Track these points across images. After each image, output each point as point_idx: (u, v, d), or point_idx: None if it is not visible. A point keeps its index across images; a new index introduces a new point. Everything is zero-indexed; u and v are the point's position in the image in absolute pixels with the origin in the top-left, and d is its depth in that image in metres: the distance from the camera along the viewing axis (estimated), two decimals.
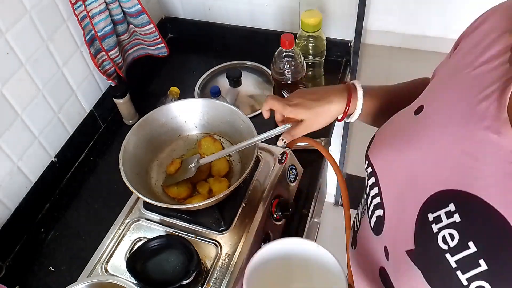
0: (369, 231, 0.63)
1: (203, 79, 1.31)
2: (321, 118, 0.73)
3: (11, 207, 0.98)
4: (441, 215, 0.47)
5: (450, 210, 0.47)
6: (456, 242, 0.45)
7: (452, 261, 0.45)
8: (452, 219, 0.46)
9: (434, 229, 0.48)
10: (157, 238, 0.88)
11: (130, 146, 0.91)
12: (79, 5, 1.02)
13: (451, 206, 0.47)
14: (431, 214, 0.49)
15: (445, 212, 0.47)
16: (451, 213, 0.46)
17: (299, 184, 1.03)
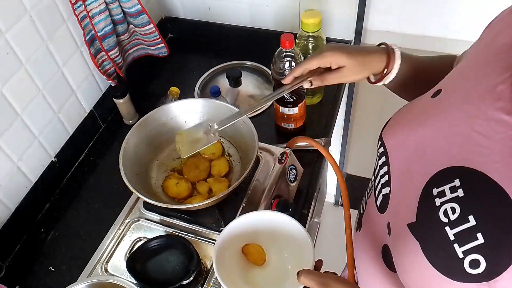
0: (374, 210, 0.64)
1: (203, 79, 1.31)
2: (360, 69, 0.71)
3: (11, 207, 0.98)
4: (445, 190, 0.48)
5: (455, 185, 0.48)
6: (457, 216, 0.46)
7: (451, 234, 0.46)
8: (455, 193, 0.47)
9: (437, 203, 0.49)
10: (157, 238, 0.88)
11: (130, 146, 0.91)
12: (79, 5, 1.02)
13: (456, 182, 0.48)
14: (436, 188, 0.50)
15: (449, 187, 0.48)
16: (456, 188, 0.48)
17: (299, 184, 1.03)
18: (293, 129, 1.12)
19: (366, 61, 0.71)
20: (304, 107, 1.08)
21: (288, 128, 1.12)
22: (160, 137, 0.98)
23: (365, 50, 0.72)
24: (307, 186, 1.05)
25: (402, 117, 0.62)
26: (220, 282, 0.65)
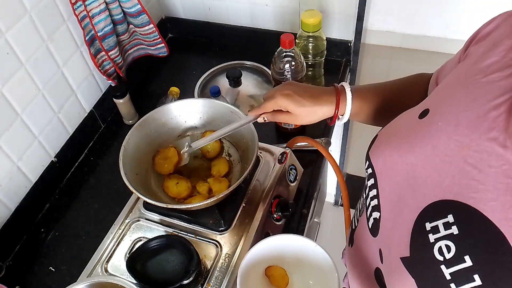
0: (366, 231, 0.63)
1: (203, 79, 1.31)
2: (307, 117, 0.75)
3: (11, 207, 0.98)
4: (438, 226, 0.47)
5: (449, 221, 0.46)
6: (453, 255, 0.45)
7: (447, 273, 0.45)
8: (450, 230, 0.46)
9: (430, 239, 0.47)
10: (157, 238, 0.88)
11: (130, 146, 0.91)
12: (79, 5, 1.02)
13: (449, 217, 0.46)
14: (429, 223, 0.48)
15: (443, 222, 0.47)
16: (449, 225, 0.46)
17: (299, 184, 1.03)
18: (293, 129, 1.12)
19: (314, 110, 0.74)
20: None
21: (288, 128, 1.12)
22: (160, 137, 0.98)
23: (316, 97, 0.74)
24: (307, 186, 1.05)
25: (389, 137, 0.60)
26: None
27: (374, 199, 0.60)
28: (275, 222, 0.95)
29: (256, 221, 0.88)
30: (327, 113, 0.75)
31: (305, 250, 0.73)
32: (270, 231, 0.93)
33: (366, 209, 0.64)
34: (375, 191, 0.59)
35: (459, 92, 0.51)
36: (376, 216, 0.59)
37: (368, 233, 0.62)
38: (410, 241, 0.50)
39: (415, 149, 0.53)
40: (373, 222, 0.60)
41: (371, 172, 0.61)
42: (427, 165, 0.51)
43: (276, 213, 0.93)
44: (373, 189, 0.60)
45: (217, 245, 0.87)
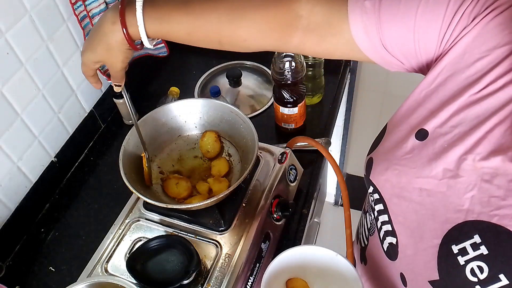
0: (381, 253, 0.62)
1: (203, 79, 1.31)
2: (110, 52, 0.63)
3: (11, 207, 0.98)
4: (466, 247, 0.46)
5: (476, 242, 0.46)
6: (486, 275, 0.44)
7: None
8: (479, 251, 0.45)
9: (460, 262, 0.47)
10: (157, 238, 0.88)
11: (130, 146, 0.91)
12: (79, 5, 1.02)
13: (476, 238, 0.46)
14: (455, 246, 0.48)
15: (470, 244, 0.46)
16: (477, 245, 0.46)
17: (299, 184, 1.03)
18: (293, 129, 1.12)
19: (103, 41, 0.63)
20: (304, 107, 1.08)
21: (288, 128, 1.12)
22: (160, 137, 0.98)
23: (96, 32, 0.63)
24: (307, 186, 1.05)
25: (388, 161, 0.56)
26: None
27: (386, 224, 0.58)
28: (275, 222, 0.95)
29: (256, 221, 0.88)
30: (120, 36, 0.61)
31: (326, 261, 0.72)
32: (270, 231, 0.93)
33: (378, 231, 0.62)
34: (386, 216, 0.58)
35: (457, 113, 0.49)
36: (392, 241, 0.58)
37: (384, 256, 0.61)
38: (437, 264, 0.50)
39: (425, 173, 0.51)
40: (389, 246, 0.59)
41: (378, 198, 0.59)
42: (443, 189, 0.50)
43: (276, 213, 0.93)
44: (384, 214, 0.58)
45: (217, 245, 0.87)
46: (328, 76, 1.25)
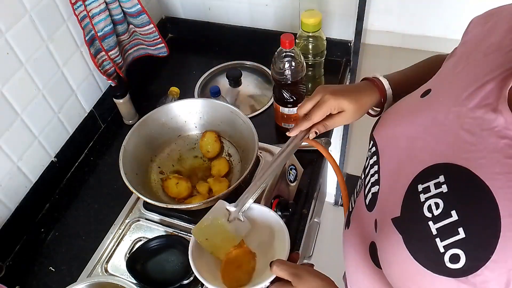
0: (363, 208, 0.65)
1: (203, 79, 1.31)
2: (359, 111, 0.73)
3: (11, 207, 0.98)
4: (430, 186, 0.49)
5: (439, 181, 0.49)
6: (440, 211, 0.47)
7: (434, 229, 0.47)
8: (440, 189, 0.48)
9: (421, 199, 0.50)
10: (157, 238, 0.88)
11: (130, 146, 0.91)
12: (79, 5, 1.02)
13: (440, 178, 0.49)
14: (421, 185, 0.50)
15: (434, 183, 0.49)
16: (440, 184, 0.48)
17: (299, 184, 1.03)
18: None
19: (363, 102, 0.73)
20: None
21: (288, 128, 1.12)
22: (160, 137, 0.98)
23: (361, 91, 0.73)
24: (307, 186, 1.05)
25: (392, 116, 0.63)
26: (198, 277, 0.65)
27: (374, 175, 0.61)
28: None
29: None
30: (374, 103, 0.74)
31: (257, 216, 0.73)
32: None
33: (364, 188, 0.65)
34: (377, 167, 0.61)
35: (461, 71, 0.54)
36: (375, 190, 0.61)
37: (365, 210, 0.64)
38: (402, 203, 0.52)
39: (416, 122, 0.56)
40: (371, 197, 0.62)
41: (374, 150, 0.63)
42: (426, 135, 0.53)
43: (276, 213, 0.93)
44: (375, 166, 0.62)
45: None
46: (328, 76, 1.25)
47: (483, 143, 0.46)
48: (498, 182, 0.44)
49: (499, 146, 0.45)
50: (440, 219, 0.47)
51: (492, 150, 0.45)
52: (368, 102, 0.73)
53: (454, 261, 0.45)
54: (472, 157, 0.47)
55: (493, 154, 0.45)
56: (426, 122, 0.54)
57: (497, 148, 0.45)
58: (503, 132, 0.45)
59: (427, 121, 0.54)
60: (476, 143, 0.47)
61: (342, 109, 0.72)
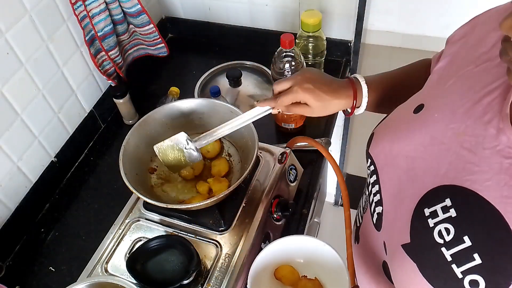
0: (371, 227, 0.64)
1: (203, 79, 1.31)
2: (323, 110, 0.74)
3: (11, 207, 0.98)
4: (437, 210, 0.48)
5: (446, 205, 0.47)
6: (452, 236, 0.46)
7: (448, 255, 0.46)
8: (448, 213, 0.47)
9: (430, 224, 0.48)
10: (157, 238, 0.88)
11: (130, 146, 0.91)
12: (79, 5, 1.02)
13: (447, 201, 0.47)
14: (427, 209, 0.49)
15: (441, 207, 0.48)
16: (447, 208, 0.47)
17: (299, 184, 1.03)
18: (293, 129, 1.12)
19: (333, 103, 0.73)
20: None
21: (288, 128, 1.12)
22: (160, 137, 0.98)
23: (334, 91, 0.73)
24: (307, 186, 1.05)
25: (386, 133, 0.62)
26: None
27: (376, 195, 0.61)
28: (275, 222, 0.95)
29: (256, 221, 0.88)
30: (343, 107, 0.75)
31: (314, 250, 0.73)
32: (270, 231, 0.93)
33: (369, 206, 0.64)
34: (377, 186, 0.60)
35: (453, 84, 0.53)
36: (379, 211, 0.60)
37: (373, 229, 0.63)
38: (410, 228, 0.51)
39: (414, 141, 0.54)
40: (377, 217, 0.61)
41: (373, 169, 0.62)
42: (426, 156, 0.52)
43: (276, 213, 0.93)
44: (376, 185, 0.61)
45: (217, 245, 0.87)
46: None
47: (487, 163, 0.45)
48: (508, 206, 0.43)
49: (504, 167, 0.43)
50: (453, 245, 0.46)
51: (498, 171, 0.44)
52: (336, 106, 0.74)
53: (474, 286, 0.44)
54: (477, 179, 0.45)
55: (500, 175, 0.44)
56: (424, 141, 0.53)
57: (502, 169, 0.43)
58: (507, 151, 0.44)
59: (425, 140, 0.53)
60: (479, 163, 0.45)
61: (307, 104, 0.74)
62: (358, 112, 0.76)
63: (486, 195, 0.44)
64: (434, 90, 0.57)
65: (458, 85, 0.52)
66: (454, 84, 0.53)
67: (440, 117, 0.52)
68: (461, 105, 0.49)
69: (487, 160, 0.45)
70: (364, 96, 0.73)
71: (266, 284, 0.72)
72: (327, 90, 0.73)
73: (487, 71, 0.49)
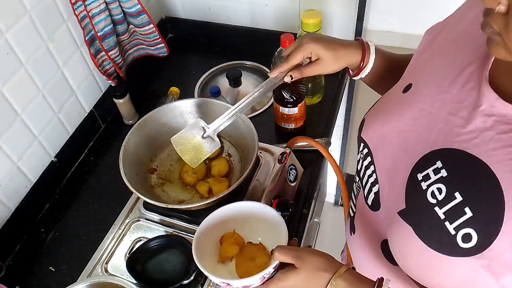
0: (366, 210, 0.65)
1: (203, 79, 1.31)
2: (337, 61, 0.73)
3: (11, 207, 0.98)
4: (429, 173, 0.50)
5: (437, 167, 0.50)
6: (444, 195, 0.48)
7: (441, 213, 0.48)
8: (439, 174, 0.49)
9: (423, 187, 0.51)
10: (157, 238, 0.88)
11: (130, 146, 0.91)
12: (79, 5, 1.02)
13: (438, 163, 0.50)
14: (420, 173, 0.52)
15: (433, 169, 0.50)
16: (439, 170, 0.50)
17: (299, 184, 1.03)
18: (293, 129, 1.12)
19: (343, 53, 0.73)
20: (304, 107, 1.08)
21: (288, 128, 1.12)
22: (160, 137, 0.98)
23: (342, 43, 0.74)
24: (307, 186, 1.05)
25: (377, 116, 0.63)
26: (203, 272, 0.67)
27: (372, 175, 0.62)
28: None
29: None
30: (352, 61, 0.74)
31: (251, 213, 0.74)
32: None
33: (363, 189, 0.66)
34: (372, 167, 0.62)
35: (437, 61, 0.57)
36: (376, 190, 0.61)
37: (369, 211, 0.64)
38: (405, 194, 0.53)
39: (404, 117, 0.57)
40: (374, 197, 0.62)
41: (366, 152, 0.64)
42: (416, 127, 0.55)
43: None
44: (370, 166, 0.63)
45: None
46: (328, 76, 1.25)
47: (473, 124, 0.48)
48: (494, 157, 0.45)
49: (488, 124, 0.47)
50: (445, 202, 0.48)
51: (483, 129, 0.47)
52: (347, 56, 0.73)
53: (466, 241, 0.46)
54: (465, 139, 0.48)
55: (485, 132, 0.47)
56: (414, 114, 0.56)
57: (487, 126, 0.47)
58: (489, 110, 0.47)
59: (414, 114, 0.56)
60: (466, 125, 0.49)
61: (318, 56, 0.73)
62: (364, 74, 0.75)
63: (474, 151, 0.47)
64: (420, 69, 0.60)
65: (441, 60, 0.56)
66: (438, 60, 0.56)
67: (427, 91, 0.55)
68: (446, 77, 0.53)
69: (473, 121, 0.48)
70: (372, 53, 0.73)
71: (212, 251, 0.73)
72: (334, 41, 0.74)
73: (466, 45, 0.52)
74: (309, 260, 0.58)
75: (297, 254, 0.59)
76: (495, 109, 0.46)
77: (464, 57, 0.52)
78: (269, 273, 0.63)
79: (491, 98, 0.47)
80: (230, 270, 0.73)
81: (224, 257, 0.74)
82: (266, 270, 0.63)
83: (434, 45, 0.60)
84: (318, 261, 0.58)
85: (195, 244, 0.70)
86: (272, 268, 0.63)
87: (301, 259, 0.59)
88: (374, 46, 0.74)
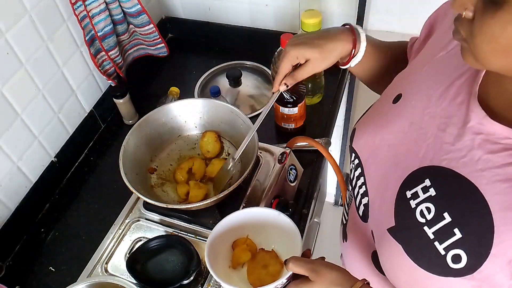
0: (357, 219, 0.65)
1: (203, 79, 1.31)
2: (327, 57, 0.70)
3: (11, 207, 0.98)
4: (418, 191, 0.50)
5: (426, 185, 0.49)
6: (433, 215, 0.48)
7: (430, 233, 0.48)
8: (428, 193, 0.49)
9: (412, 205, 0.50)
10: (157, 238, 0.88)
11: (130, 146, 0.91)
12: (79, 5, 1.02)
13: (426, 182, 0.49)
14: (409, 191, 0.51)
15: (421, 187, 0.50)
16: (427, 188, 0.49)
17: (299, 184, 1.03)
18: (293, 129, 1.12)
19: (331, 47, 0.70)
20: (304, 107, 1.08)
21: (288, 128, 1.12)
22: (160, 137, 0.98)
23: (329, 36, 0.70)
24: (307, 186, 1.05)
25: (368, 126, 0.62)
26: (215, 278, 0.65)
27: (362, 187, 0.62)
28: None
29: None
30: (343, 52, 0.71)
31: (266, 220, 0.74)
32: None
33: (354, 199, 0.65)
34: (363, 178, 0.62)
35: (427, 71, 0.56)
36: (365, 202, 0.61)
37: (360, 221, 0.64)
38: (394, 211, 0.53)
39: (394, 129, 0.56)
40: (363, 209, 0.62)
41: (357, 163, 0.63)
42: (406, 141, 0.54)
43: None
44: (361, 177, 0.62)
45: None
46: (328, 76, 1.25)
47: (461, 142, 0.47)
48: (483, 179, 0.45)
49: (476, 143, 0.46)
50: (434, 222, 0.47)
51: (471, 147, 0.46)
52: (336, 49, 0.70)
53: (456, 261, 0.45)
54: (453, 157, 0.48)
55: (473, 151, 0.46)
56: (403, 128, 0.55)
57: (475, 145, 0.46)
58: (477, 128, 0.46)
59: (404, 127, 0.55)
60: (454, 142, 0.48)
61: (306, 58, 0.70)
62: (355, 62, 0.72)
63: (462, 171, 0.46)
64: (411, 78, 0.59)
65: (432, 70, 0.55)
66: (428, 70, 0.55)
67: (417, 103, 0.54)
68: (436, 89, 0.52)
69: (461, 138, 0.47)
70: (363, 40, 0.70)
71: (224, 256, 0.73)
72: (319, 37, 0.70)
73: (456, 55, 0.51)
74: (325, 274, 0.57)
75: (312, 267, 0.58)
76: (484, 127, 0.45)
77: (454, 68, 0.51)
78: (282, 283, 0.62)
79: (479, 114, 0.46)
80: (242, 276, 0.72)
81: (237, 263, 0.73)
82: (279, 280, 0.61)
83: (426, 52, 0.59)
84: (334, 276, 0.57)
85: (208, 249, 0.68)
86: (285, 279, 0.62)
87: (317, 273, 0.57)
88: (364, 33, 0.71)
